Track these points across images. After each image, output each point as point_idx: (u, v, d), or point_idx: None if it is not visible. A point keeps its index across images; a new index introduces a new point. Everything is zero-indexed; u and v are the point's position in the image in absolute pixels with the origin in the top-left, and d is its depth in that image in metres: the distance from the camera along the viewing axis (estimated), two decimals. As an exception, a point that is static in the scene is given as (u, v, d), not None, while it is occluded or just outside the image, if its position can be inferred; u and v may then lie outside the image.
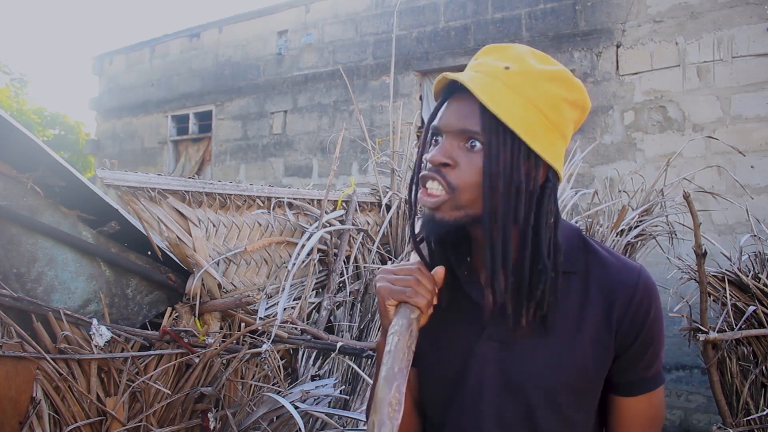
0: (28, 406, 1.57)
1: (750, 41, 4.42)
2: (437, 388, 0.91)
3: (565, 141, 0.84)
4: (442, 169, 0.81)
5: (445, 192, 0.80)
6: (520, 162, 0.79)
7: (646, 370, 0.86)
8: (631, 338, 0.84)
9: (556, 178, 0.83)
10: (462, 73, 0.83)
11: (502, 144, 0.79)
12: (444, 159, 0.81)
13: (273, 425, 1.79)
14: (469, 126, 0.80)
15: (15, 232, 1.61)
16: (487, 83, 0.80)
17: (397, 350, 0.69)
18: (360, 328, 2.46)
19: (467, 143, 0.81)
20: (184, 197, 1.89)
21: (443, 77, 0.84)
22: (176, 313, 1.84)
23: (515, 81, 0.80)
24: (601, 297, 0.84)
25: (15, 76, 16.43)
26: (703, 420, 4.29)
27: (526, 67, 0.81)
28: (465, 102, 0.81)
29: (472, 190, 0.80)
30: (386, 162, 2.88)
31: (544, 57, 0.85)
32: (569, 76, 0.83)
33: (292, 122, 7.14)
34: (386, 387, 0.65)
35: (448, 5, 6.01)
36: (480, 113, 0.79)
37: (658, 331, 0.85)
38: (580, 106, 0.85)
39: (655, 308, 0.85)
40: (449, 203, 0.81)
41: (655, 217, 2.89)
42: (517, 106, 0.79)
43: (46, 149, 1.61)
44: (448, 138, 0.82)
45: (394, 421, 0.63)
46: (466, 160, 0.81)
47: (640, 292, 0.84)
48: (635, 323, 0.83)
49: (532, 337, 0.84)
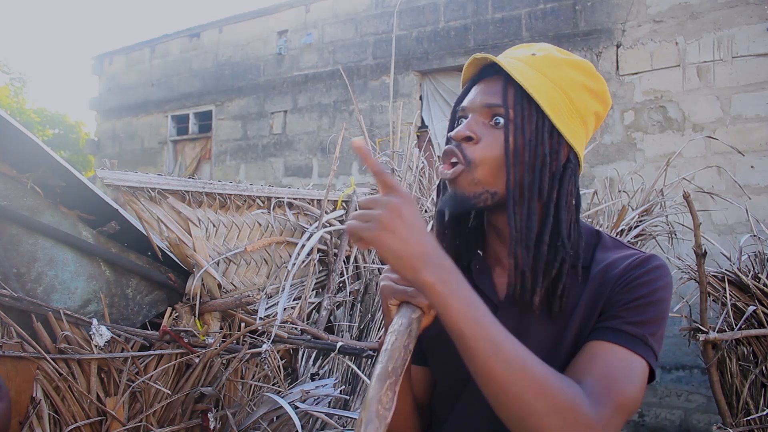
0: (28, 406, 1.57)
1: (750, 41, 4.42)
2: (446, 385, 0.92)
3: (585, 129, 0.86)
4: (462, 143, 0.82)
5: (461, 164, 0.81)
6: (544, 137, 0.81)
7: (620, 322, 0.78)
8: (615, 297, 0.80)
9: (577, 161, 0.85)
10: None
11: (528, 117, 0.81)
12: (467, 132, 0.82)
13: (273, 425, 1.79)
14: (494, 101, 0.82)
15: (15, 232, 1.61)
16: (514, 64, 0.83)
17: (393, 349, 0.69)
18: (360, 328, 2.46)
19: (491, 120, 0.83)
20: (184, 197, 1.89)
21: (473, 59, 0.87)
22: (176, 313, 1.84)
23: (541, 64, 0.83)
24: (597, 282, 0.83)
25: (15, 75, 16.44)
26: (703, 420, 4.29)
27: (551, 54, 0.85)
28: (492, 82, 0.84)
29: (490, 165, 0.81)
30: (386, 162, 2.88)
31: (567, 52, 0.88)
32: (592, 67, 0.87)
33: (292, 122, 7.14)
34: (378, 384, 0.65)
35: (448, 5, 6.01)
36: (506, 89, 0.82)
37: (650, 294, 0.79)
38: (601, 98, 0.87)
39: (652, 277, 0.80)
40: (466, 177, 0.82)
41: (655, 217, 2.89)
42: (543, 85, 0.82)
43: (46, 149, 1.61)
44: (473, 116, 0.84)
45: (382, 419, 0.63)
46: (489, 136, 0.82)
47: (636, 266, 0.81)
48: (622, 286, 0.80)
49: (539, 327, 0.83)
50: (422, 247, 0.68)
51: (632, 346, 0.76)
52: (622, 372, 0.74)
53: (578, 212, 0.85)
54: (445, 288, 0.67)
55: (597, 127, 0.90)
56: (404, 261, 0.67)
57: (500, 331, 0.69)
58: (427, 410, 0.98)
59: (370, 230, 0.67)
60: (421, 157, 2.92)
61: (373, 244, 0.68)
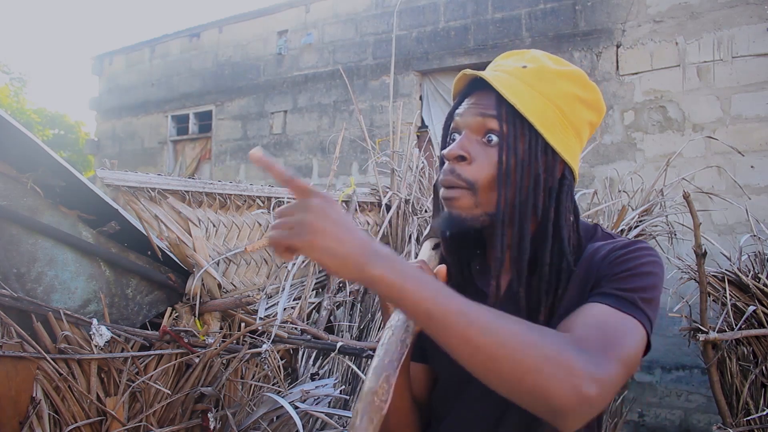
0: (28, 406, 1.57)
1: (750, 41, 4.42)
2: (448, 383, 0.92)
3: (580, 141, 0.85)
4: (456, 167, 0.81)
5: (464, 188, 0.81)
6: (537, 155, 0.80)
7: (609, 288, 0.76)
8: (601, 274, 0.79)
9: (572, 176, 0.84)
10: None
11: (520, 135, 0.80)
12: (459, 152, 0.81)
13: (273, 425, 1.79)
14: (486, 119, 0.81)
15: (15, 232, 1.61)
16: (504, 79, 0.81)
17: (390, 343, 0.69)
18: (360, 328, 2.46)
19: (484, 137, 0.82)
20: (184, 197, 1.89)
21: (462, 75, 0.86)
22: (176, 313, 1.84)
23: (532, 78, 0.82)
24: (583, 268, 0.83)
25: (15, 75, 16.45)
26: (703, 420, 4.29)
27: (542, 66, 0.83)
28: (483, 98, 0.83)
29: (490, 186, 0.80)
30: (386, 162, 2.88)
31: (559, 60, 0.86)
32: (584, 76, 0.85)
33: (292, 122, 7.14)
34: (374, 377, 0.65)
35: (448, 5, 6.01)
36: (497, 106, 0.80)
37: (637, 266, 0.77)
38: (595, 108, 0.86)
39: (637, 254, 0.78)
40: (468, 200, 0.81)
41: (655, 217, 2.89)
42: (534, 101, 0.80)
43: (46, 149, 1.61)
44: (466, 133, 0.83)
45: (378, 411, 0.63)
46: (482, 155, 0.81)
47: (620, 247, 0.80)
48: (607, 264, 0.79)
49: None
50: (359, 242, 0.63)
51: (624, 308, 0.73)
52: (616, 326, 0.71)
53: (577, 225, 0.85)
54: (397, 275, 0.63)
55: (591, 134, 0.89)
56: (345, 260, 0.62)
57: (465, 301, 0.65)
58: (426, 408, 0.98)
59: (299, 236, 0.62)
60: (421, 157, 2.92)
61: (305, 250, 0.62)
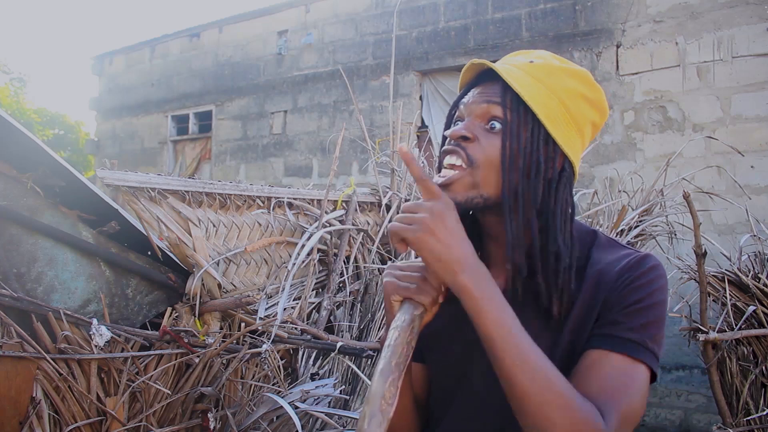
0: (28, 406, 1.57)
1: (750, 41, 4.43)
2: (444, 383, 0.92)
3: (581, 138, 0.86)
4: (462, 143, 0.83)
5: (464, 164, 0.82)
6: (539, 144, 0.82)
7: (620, 328, 0.78)
8: (612, 300, 0.80)
9: (572, 171, 0.85)
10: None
11: (523, 124, 0.81)
12: (464, 132, 0.82)
13: (273, 425, 1.79)
14: (491, 106, 0.83)
15: (15, 232, 1.61)
16: (512, 70, 0.83)
17: (396, 345, 0.70)
18: (360, 328, 2.46)
19: (488, 124, 0.83)
20: (184, 197, 1.89)
21: (470, 65, 0.87)
22: (176, 313, 1.84)
23: (539, 72, 0.84)
24: (593, 284, 0.83)
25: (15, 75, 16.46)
26: (703, 420, 4.29)
27: (549, 63, 0.85)
28: (488, 87, 0.85)
29: (490, 168, 0.82)
30: (386, 162, 2.88)
31: (565, 60, 0.89)
32: (590, 77, 0.87)
33: (292, 122, 7.14)
34: (381, 379, 0.65)
35: (448, 5, 6.01)
36: (503, 94, 0.82)
37: (647, 297, 0.79)
38: (598, 108, 0.87)
39: (649, 278, 0.80)
40: (466, 179, 0.82)
41: (655, 217, 2.89)
42: (539, 93, 0.82)
43: (46, 149, 1.61)
44: (470, 118, 0.84)
45: (385, 414, 0.63)
46: (486, 139, 0.82)
47: (632, 267, 0.81)
48: (619, 290, 0.80)
49: (536, 329, 0.83)
50: (462, 252, 0.72)
51: (634, 353, 0.76)
52: (625, 382, 0.75)
53: (572, 221, 0.85)
54: (481, 293, 0.72)
55: (594, 136, 0.90)
56: (445, 264, 0.72)
57: (528, 342, 0.72)
58: (426, 408, 0.98)
59: (414, 232, 0.71)
60: (421, 157, 2.93)
61: (416, 245, 0.72)
